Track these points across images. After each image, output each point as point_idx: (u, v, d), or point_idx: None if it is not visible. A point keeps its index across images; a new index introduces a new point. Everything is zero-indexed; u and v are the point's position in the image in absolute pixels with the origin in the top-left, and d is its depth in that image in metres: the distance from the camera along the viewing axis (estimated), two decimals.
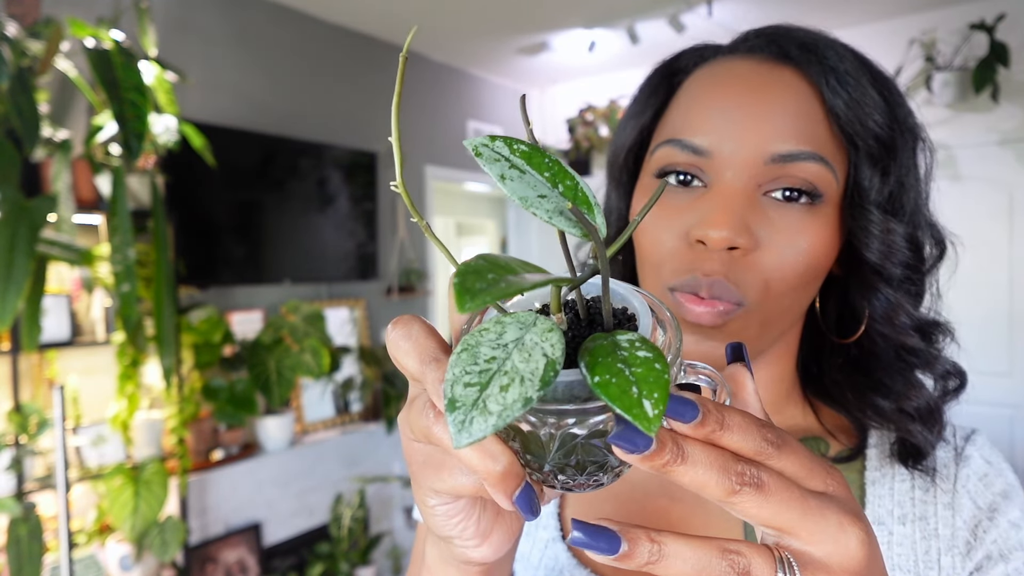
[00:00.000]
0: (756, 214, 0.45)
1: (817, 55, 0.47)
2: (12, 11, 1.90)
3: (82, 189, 2.07)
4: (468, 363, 0.23)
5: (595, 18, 3.25)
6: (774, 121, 0.45)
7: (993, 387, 3.09)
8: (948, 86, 3.05)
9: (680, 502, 0.51)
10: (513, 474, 0.27)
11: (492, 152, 0.27)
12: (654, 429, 0.21)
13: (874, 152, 0.46)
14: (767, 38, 0.50)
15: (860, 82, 0.46)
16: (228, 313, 2.69)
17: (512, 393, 0.22)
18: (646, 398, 0.22)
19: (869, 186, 0.46)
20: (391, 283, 3.44)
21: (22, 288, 1.62)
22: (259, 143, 2.80)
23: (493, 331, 0.24)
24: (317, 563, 2.69)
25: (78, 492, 2.14)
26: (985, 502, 0.48)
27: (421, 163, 3.67)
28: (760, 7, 3.14)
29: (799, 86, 0.47)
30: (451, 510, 0.31)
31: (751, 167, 0.45)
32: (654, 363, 0.23)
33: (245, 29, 2.83)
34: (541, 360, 0.23)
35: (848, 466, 0.51)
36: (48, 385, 2.10)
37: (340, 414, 3.08)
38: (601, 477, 0.28)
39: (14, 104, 1.67)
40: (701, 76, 0.50)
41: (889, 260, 0.47)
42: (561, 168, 0.28)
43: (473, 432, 0.22)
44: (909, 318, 0.49)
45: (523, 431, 0.27)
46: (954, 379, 0.51)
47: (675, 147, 0.47)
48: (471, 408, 0.22)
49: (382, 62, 3.43)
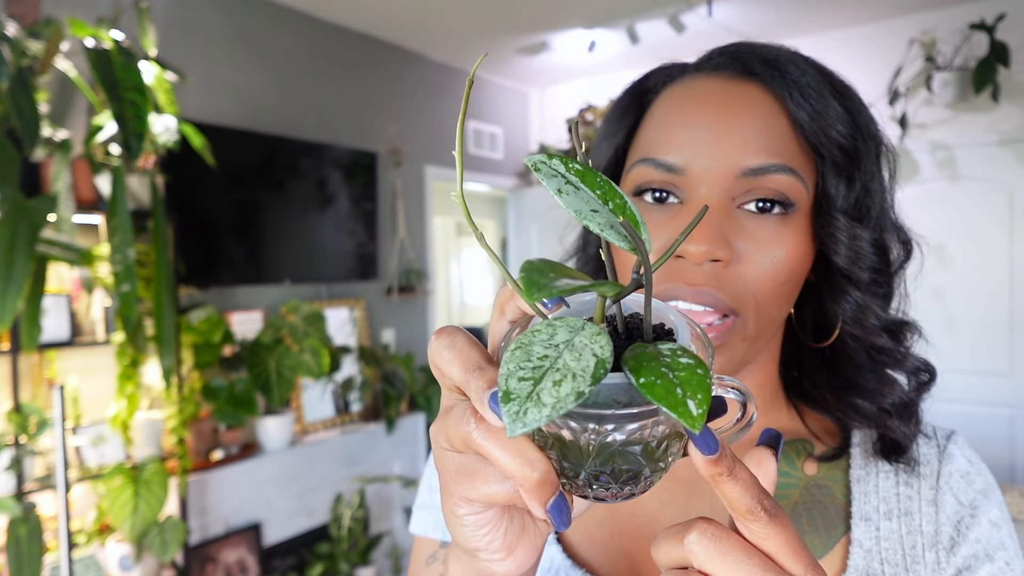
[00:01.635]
0: (733, 226, 0.46)
1: (780, 70, 0.48)
2: (12, 11, 1.90)
3: (82, 189, 2.07)
4: (522, 359, 0.25)
5: (595, 18, 3.25)
6: (743, 136, 0.47)
7: (993, 387, 3.09)
8: (948, 86, 3.05)
9: (670, 506, 0.53)
10: (549, 482, 0.28)
11: (550, 169, 0.30)
12: (698, 426, 0.23)
13: (839, 161, 0.48)
14: (731, 56, 0.51)
15: (822, 94, 0.48)
16: (228, 313, 2.69)
17: (565, 387, 0.24)
18: (690, 398, 0.23)
19: (835, 194, 0.48)
20: (391, 283, 3.44)
21: (22, 288, 1.62)
22: (259, 143, 2.80)
23: (545, 332, 0.26)
24: (317, 563, 2.69)
25: (78, 492, 2.14)
26: (967, 499, 0.50)
27: (421, 163, 3.67)
28: (760, 7, 3.14)
29: (765, 101, 0.48)
30: (480, 520, 0.31)
31: (724, 181, 0.46)
32: (696, 368, 0.24)
33: (245, 29, 2.83)
34: (591, 359, 0.24)
35: (833, 465, 0.53)
36: (48, 385, 2.10)
37: (340, 414, 3.08)
38: (633, 487, 0.29)
39: (14, 104, 1.67)
40: (670, 95, 0.52)
41: (856, 265, 0.49)
42: (612, 188, 0.30)
43: (528, 422, 0.23)
44: (877, 319, 0.51)
45: (563, 438, 0.28)
46: (924, 374, 0.53)
47: (649, 165, 0.49)
48: (525, 400, 0.24)
49: (382, 62, 3.43)
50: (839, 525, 0.50)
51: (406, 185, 3.56)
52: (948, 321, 3.11)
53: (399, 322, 3.51)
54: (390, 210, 3.47)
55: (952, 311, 3.10)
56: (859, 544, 0.49)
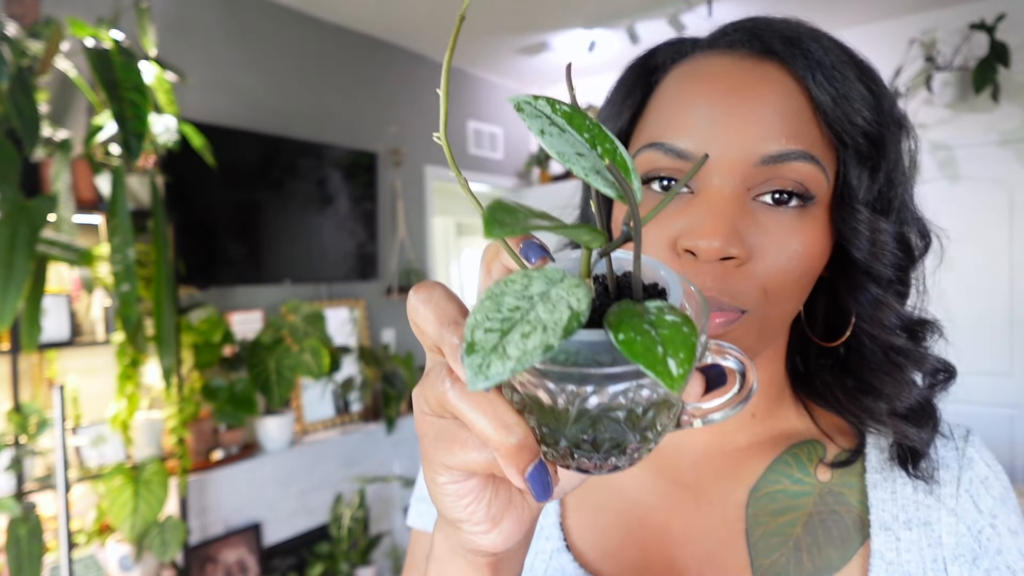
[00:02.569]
0: (747, 220, 0.43)
1: (802, 49, 0.44)
2: (12, 11, 1.90)
3: (82, 189, 2.06)
4: (491, 310, 0.23)
5: (595, 18, 3.25)
6: (761, 120, 0.43)
7: (993, 387, 3.09)
8: (948, 86, 3.05)
9: (679, 516, 0.50)
10: (527, 447, 0.27)
11: (534, 109, 0.28)
12: (678, 387, 0.21)
13: (863, 149, 0.44)
14: (748, 32, 0.47)
15: (847, 76, 0.44)
16: (228, 313, 2.69)
17: (533, 340, 0.22)
18: (671, 356, 0.22)
19: (858, 184, 0.45)
20: (391, 283, 3.44)
21: (22, 288, 1.62)
22: (259, 143, 2.80)
23: (519, 283, 0.24)
24: (317, 563, 2.69)
25: (78, 492, 2.14)
26: (986, 506, 0.48)
27: (421, 163, 3.67)
28: (760, 7, 3.14)
29: (785, 82, 0.44)
30: (461, 489, 0.30)
31: (740, 170, 0.43)
32: (682, 326, 0.23)
33: (245, 29, 2.83)
34: (566, 312, 0.23)
35: (848, 469, 0.50)
36: (48, 385, 2.10)
37: (340, 414, 3.08)
38: (618, 458, 0.28)
39: (14, 104, 1.67)
40: (680, 74, 0.47)
41: (878, 260, 0.46)
42: (601, 131, 0.28)
43: (490, 375, 0.22)
44: (898, 318, 0.48)
45: (540, 401, 0.26)
46: (942, 374, 0.50)
47: (657, 151, 0.45)
48: (490, 352, 0.22)
49: (382, 62, 3.43)
50: (856, 536, 0.47)
51: (406, 185, 3.56)
52: (948, 321, 3.10)
53: (399, 322, 3.51)
54: (390, 210, 3.47)
55: (952, 311, 3.09)
56: (880, 556, 0.46)
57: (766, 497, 0.49)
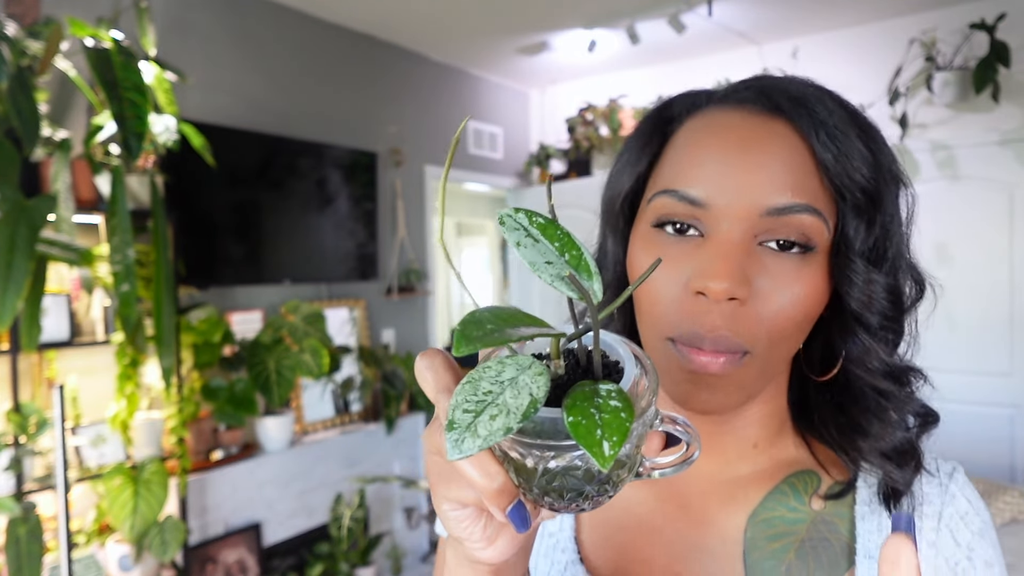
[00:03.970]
0: (753, 264, 0.46)
1: (807, 108, 0.48)
2: (12, 11, 1.90)
3: (82, 189, 2.06)
4: (469, 393, 0.28)
5: (595, 18, 3.25)
6: (768, 173, 0.46)
7: (993, 387, 3.09)
8: (948, 86, 3.05)
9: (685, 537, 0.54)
10: (507, 491, 0.32)
11: (514, 222, 0.33)
12: (607, 466, 0.25)
13: (860, 204, 0.48)
14: (757, 90, 0.51)
15: (848, 135, 0.48)
16: (228, 313, 2.69)
17: (498, 422, 0.27)
18: (606, 439, 0.26)
19: (855, 236, 0.48)
20: (391, 283, 3.44)
21: (22, 288, 1.62)
22: (259, 143, 2.80)
23: (494, 369, 0.29)
24: (317, 563, 2.69)
25: (78, 492, 2.14)
26: (964, 540, 0.51)
27: (421, 163, 3.67)
28: (760, 7, 3.14)
29: (790, 138, 0.48)
30: (460, 515, 0.35)
31: (747, 219, 0.46)
32: (621, 412, 0.27)
33: (245, 29, 2.83)
34: (527, 398, 0.27)
35: (840, 500, 0.53)
36: (48, 385, 2.10)
37: (340, 414, 3.08)
38: (582, 503, 0.32)
39: (14, 104, 1.67)
40: (694, 126, 0.51)
41: (868, 309, 0.49)
42: (570, 240, 0.32)
43: (463, 449, 0.26)
44: (881, 363, 0.51)
45: (512, 459, 0.31)
46: (927, 418, 0.53)
47: (671, 197, 0.49)
48: (464, 430, 0.27)
49: (382, 62, 3.43)
50: (843, 561, 0.51)
51: (406, 185, 3.56)
52: (948, 321, 3.11)
53: (399, 322, 3.51)
54: (390, 210, 3.47)
55: (952, 311, 3.10)
56: None
57: (763, 523, 0.53)
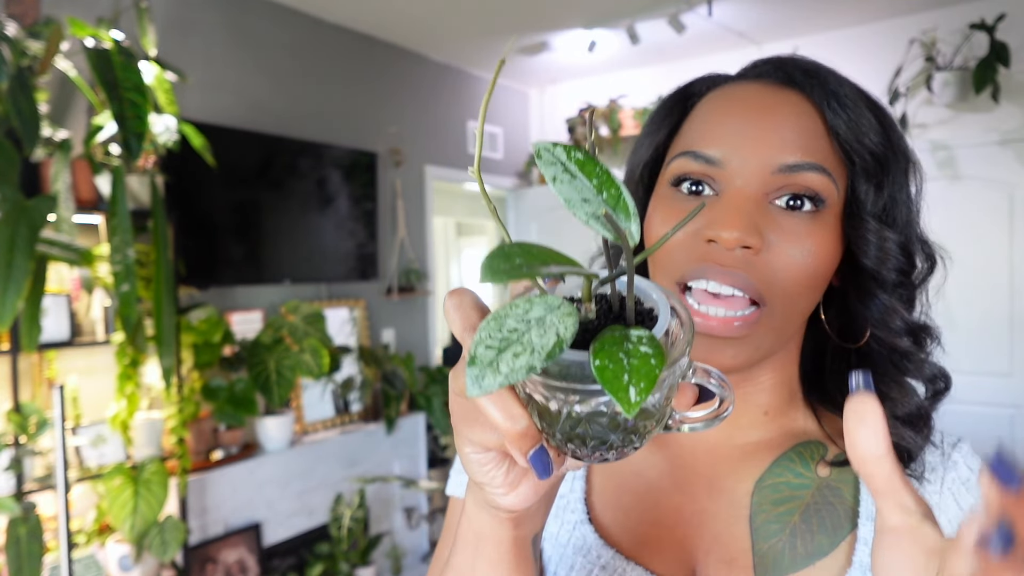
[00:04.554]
0: (765, 218, 0.49)
1: (820, 80, 0.52)
2: (12, 11, 1.90)
3: (82, 189, 2.06)
4: (494, 329, 0.27)
5: (595, 18, 3.25)
6: (781, 136, 0.49)
7: (993, 387, 3.09)
8: (948, 86, 3.05)
9: (693, 500, 0.55)
10: (530, 435, 0.31)
11: (551, 156, 0.30)
12: (633, 412, 0.24)
13: (869, 168, 0.50)
14: (773, 65, 0.55)
15: (858, 105, 0.51)
16: (228, 313, 2.69)
17: (521, 360, 0.26)
18: (633, 385, 0.25)
19: (865, 198, 0.51)
20: (391, 283, 3.44)
21: (22, 288, 1.62)
22: (259, 143, 2.80)
23: (522, 307, 0.28)
24: (317, 563, 2.69)
25: (78, 492, 2.14)
26: (967, 504, 0.53)
27: (421, 163, 3.67)
28: (760, 7, 3.14)
29: (803, 107, 0.51)
30: (483, 459, 0.34)
31: (760, 176, 0.49)
32: (651, 358, 0.26)
33: (245, 29, 2.83)
34: (553, 338, 0.26)
35: (846, 468, 0.54)
36: (48, 385, 2.10)
37: (340, 414, 3.08)
38: (605, 452, 0.31)
39: (14, 104, 1.67)
40: (714, 97, 0.55)
41: (884, 265, 0.51)
42: (610, 178, 0.30)
43: (484, 386, 0.25)
44: (903, 321, 0.53)
45: (537, 402, 0.30)
46: (940, 382, 0.55)
47: (689, 158, 0.52)
48: (486, 367, 0.26)
49: (382, 62, 3.43)
50: (846, 524, 0.52)
51: (406, 185, 3.56)
52: (948, 321, 3.10)
53: (399, 322, 3.51)
54: (390, 210, 3.47)
55: (952, 311, 3.10)
56: (864, 542, 0.51)
57: (770, 488, 0.54)
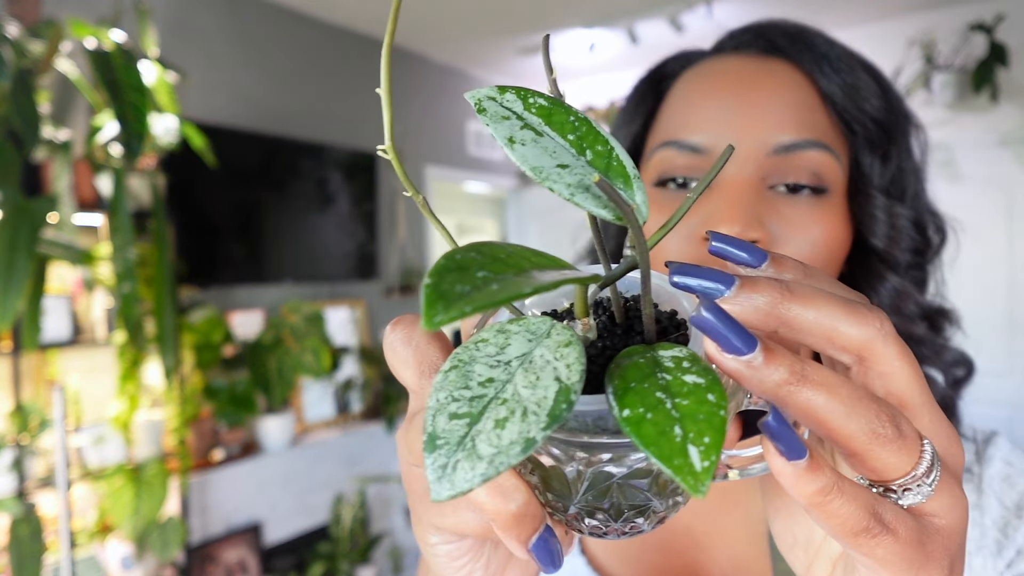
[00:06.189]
0: (766, 207, 0.42)
1: (807, 43, 0.46)
2: (12, 11, 1.90)
3: (83, 189, 2.07)
4: (458, 386, 0.18)
5: (595, 18, 3.25)
6: (772, 112, 0.43)
7: (993, 387, 3.09)
8: (947, 86, 3.05)
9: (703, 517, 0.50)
10: (530, 516, 0.22)
11: (500, 108, 0.21)
12: (703, 489, 0.16)
13: (873, 136, 0.45)
14: (753, 33, 0.48)
15: (852, 67, 0.45)
16: (228, 313, 2.69)
17: (510, 431, 0.16)
18: (693, 443, 0.16)
19: (871, 171, 0.45)
20: (391, 283, 3.44)
21: (23, 288, 1.63)
22: (259, 143, 2.80)
23: (493, 343, 0.19)
24: (317, 563, 2.69)
25: (79, 492, 2.14)
26: (1012, 501, 0.48)
27: (421, 163, 3.67)
28: (760, 7, 3.15)
29: (793, 75, 0.45)
30: (455, 551, 0.25)
31: (754, 160, 0.43)
32: (707, 392, 0.17)
33: (245, 29, 2.83)
34: (552, 386, 0.17)
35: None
36: (49, 385, 2.10)
37: (340, 414, 3.08)
38: (640, 523, 0.22)
39: (15, 104, 1.67)
40: (690, 77, 0.48)
41: (896, 245, 0.46)
42: (590, 129, 0.21)
43: (456, 482, 0.16)
44: (917, 306, 0.47)
45: (543, 465, 0.21)
46: (961, 368, 0.50)
47: (672, 148, 0.45)
48: (456, 448, 0.17)
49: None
50: None
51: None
52: None
53: None
54: (390, 210, 3.47)
55: None
56: None
57: None
